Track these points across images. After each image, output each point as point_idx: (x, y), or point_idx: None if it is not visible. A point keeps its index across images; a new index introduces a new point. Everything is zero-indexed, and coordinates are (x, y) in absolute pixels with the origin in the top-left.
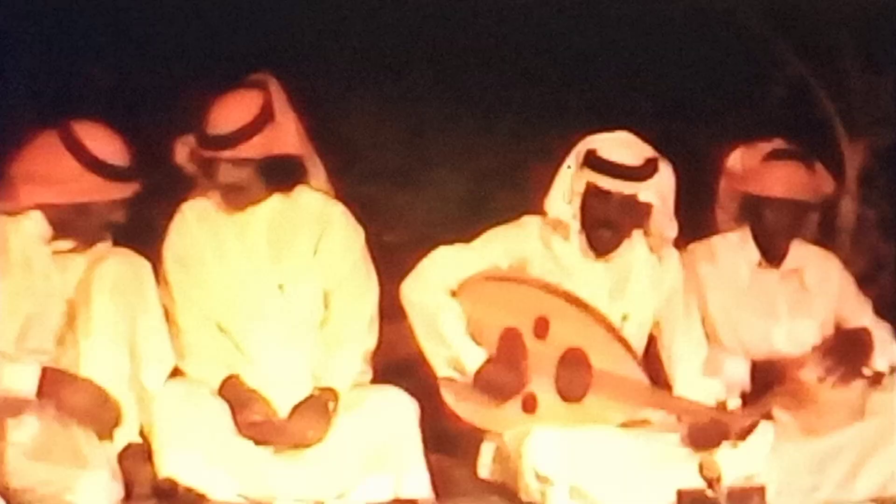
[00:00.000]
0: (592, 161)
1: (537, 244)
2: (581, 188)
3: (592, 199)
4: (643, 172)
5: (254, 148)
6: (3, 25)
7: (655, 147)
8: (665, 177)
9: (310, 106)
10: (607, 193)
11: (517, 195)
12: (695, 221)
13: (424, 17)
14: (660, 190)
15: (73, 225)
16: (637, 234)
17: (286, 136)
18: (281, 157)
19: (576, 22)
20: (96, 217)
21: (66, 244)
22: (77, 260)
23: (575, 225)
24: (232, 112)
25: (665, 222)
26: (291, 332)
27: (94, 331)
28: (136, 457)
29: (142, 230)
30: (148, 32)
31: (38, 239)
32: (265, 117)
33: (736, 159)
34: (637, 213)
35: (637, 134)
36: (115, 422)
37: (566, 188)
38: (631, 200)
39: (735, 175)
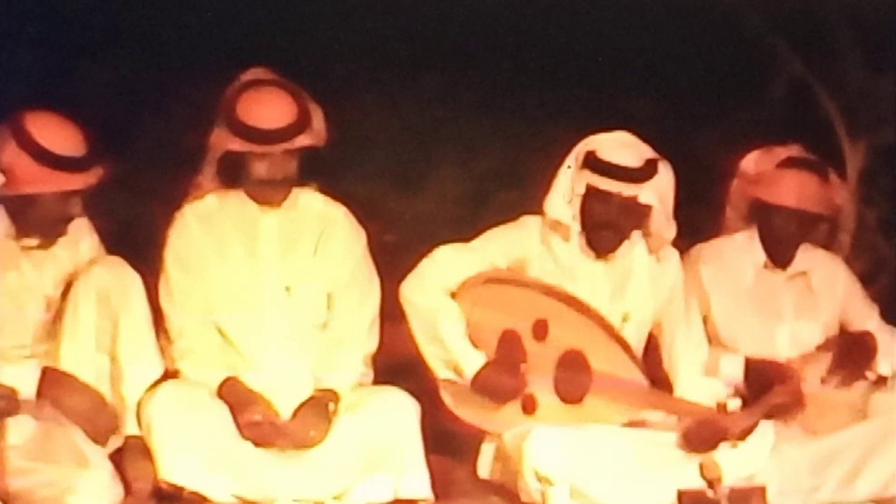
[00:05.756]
0: (592, 163)
1: (537, 244)
2: (581, 190)
3: (593, 201)
4: (643, 174)
5: (307, 138)
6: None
7: (655, 148)
8: (664, 177)
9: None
10: (608, 195)
11: (517, 195)
12: (694, 222)
13: (425, 17)
14: (659, 191)
15: (27, 217)
16: (637, 235)
17: (322, 126)
18: (317, 147)
19: (576, 22)
20: (49, 209)
21: (32, 241)
22: (53, 257)
23: (575, 226)
24: (277, 106)
25: (664, 223)
26: (294, 333)
27: (75, 337)
28: (136, 458)
29: (141, 230)
30: (145, 28)
31: (3, 234)
32: (308, 108)
33: (750, 162)
34: (637, 215)
35: (637, 134)
36: (112, 428)
37: (566, 189)
38: (631, 202)
39: (748, 178)
